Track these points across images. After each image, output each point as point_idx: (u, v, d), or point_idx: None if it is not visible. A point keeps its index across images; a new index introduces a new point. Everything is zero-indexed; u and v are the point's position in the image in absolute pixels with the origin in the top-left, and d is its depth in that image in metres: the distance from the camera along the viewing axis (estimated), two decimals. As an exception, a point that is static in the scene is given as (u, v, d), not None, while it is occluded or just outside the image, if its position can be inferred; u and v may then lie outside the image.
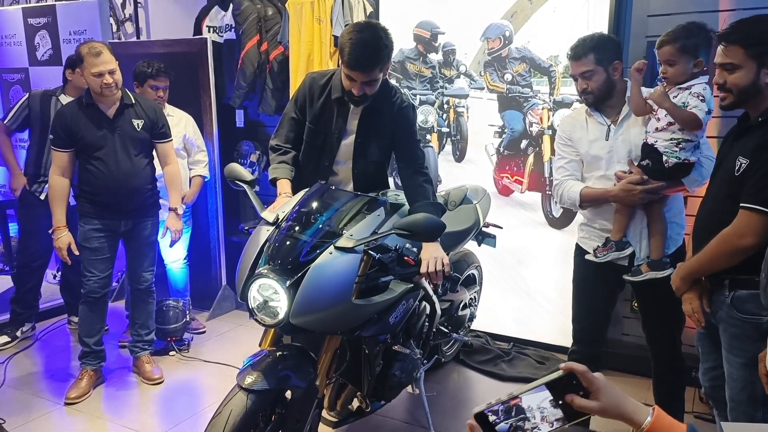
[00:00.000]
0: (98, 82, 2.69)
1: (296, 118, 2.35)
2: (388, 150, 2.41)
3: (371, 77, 2.12)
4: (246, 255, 2.01)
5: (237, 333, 3.73)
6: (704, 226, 1.85)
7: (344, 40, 2.11)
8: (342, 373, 2.13)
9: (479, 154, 3.38)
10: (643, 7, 2.95)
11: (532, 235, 3.26)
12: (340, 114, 2.28)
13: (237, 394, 1.79)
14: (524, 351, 3.27)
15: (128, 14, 4.49)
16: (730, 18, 2.77)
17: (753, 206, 1.65)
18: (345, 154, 2.35)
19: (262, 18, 3.74)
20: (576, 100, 3.02)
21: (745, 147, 1.72)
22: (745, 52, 1.69)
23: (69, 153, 2.80)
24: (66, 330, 3.77)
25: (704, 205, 1.90)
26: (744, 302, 1.76)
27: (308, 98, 2.30)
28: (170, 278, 3.72)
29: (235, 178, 2.16)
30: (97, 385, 3.02)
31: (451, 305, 2.76)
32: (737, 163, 1.72)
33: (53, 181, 2.82)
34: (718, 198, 1.80)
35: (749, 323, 1.75)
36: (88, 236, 2.85)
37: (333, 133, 2.31)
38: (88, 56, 2.67)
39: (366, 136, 2.32)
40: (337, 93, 2.25)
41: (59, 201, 2.82)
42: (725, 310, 1.80)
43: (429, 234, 1.84)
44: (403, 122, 2.34)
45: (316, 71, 2.44)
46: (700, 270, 1.83)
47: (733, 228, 1.70)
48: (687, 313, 1.90)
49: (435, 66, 3.38)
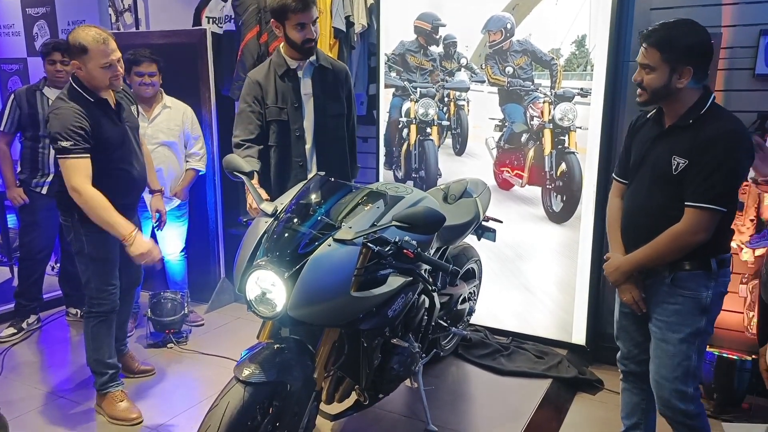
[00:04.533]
0: (107, 74, 2.38)
1: (253, 110, 2.61)
2: (341, 106, 2.77)
3: (315, 14, 2.52)
4: (244, 247, 2.00)
5: (235, 325, 3.72)
6: (635, 221, 1.95)
7: None
8: (340, 366, 2.12)
9: (480, 147, 3.36)
10: (645, 0, 2.93)
11: (532, 230, 3.24)
12: (292, 84, 2.62)
13: (234, 387, 1.78)
14: (523, 345, 3.26)
15: (127, 5, 4.46)
16: (732, 11, 2.75)
17: (703, 205, 1.76)
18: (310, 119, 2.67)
19: (262, 9, 3.71)
20: (578, 93, 3.01)
21: (678, 147, 1.82)
22: (660, 56, 1.80)
23: (89, 157, 2.39)
24: (64, 321, 3.76)
25: (632, 200, 1.98)
26: (685, 280, 1.87)
27: (260, 89, 2.61)
28: (168, 270, 3.71)
29: (233, 170, 2.15)
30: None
31: (450, 299, 2.75)
32: (673, 162, 1.82)
33: (93, 193, 2.35)
34: (652, 195, 1.89)
35: (690, 299, 1.86)
36: (109, 245, 2.51)
37: (294, 103, 2.62)
38: (96, 45, 2.33)
39: (320, 92, 2.68)
40: (282, 68, 2.62)
41: (111, 209, 2.38)
42: (665, 289, 1.90)
43: (428, 227, 1.83)
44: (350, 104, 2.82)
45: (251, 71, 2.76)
46: (647, 264, 1.91)
47: (685, 226, 1.80)
48: (628, 302, 2.01)
49: (436, 58, 3.36)
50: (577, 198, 3.08)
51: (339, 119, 2.77)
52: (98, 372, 2.68)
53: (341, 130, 2.80)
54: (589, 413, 2.78)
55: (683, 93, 1.82)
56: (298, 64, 2.65)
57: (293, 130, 2.64)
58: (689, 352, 1.87)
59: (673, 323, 1.89)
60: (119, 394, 2.69)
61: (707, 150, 1.75)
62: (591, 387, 2.96)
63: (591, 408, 2.82)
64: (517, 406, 2.77)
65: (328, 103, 2.71)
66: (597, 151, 3.00)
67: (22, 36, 4.47)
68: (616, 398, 2.87)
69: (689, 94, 1.83)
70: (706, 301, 1.85)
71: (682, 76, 1.79)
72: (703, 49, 1.79)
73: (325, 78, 2.71)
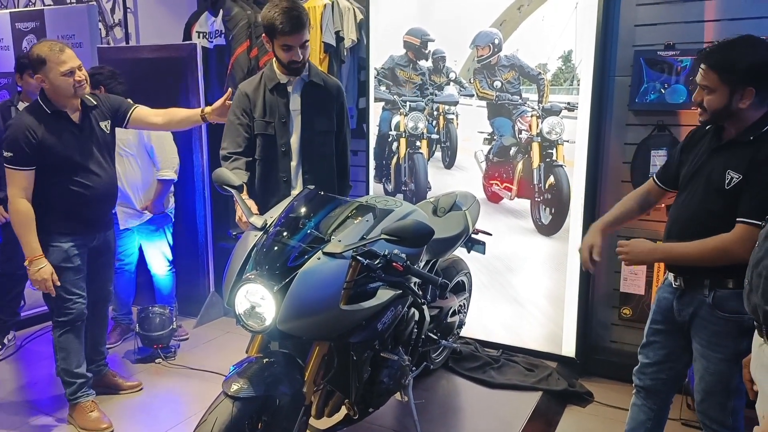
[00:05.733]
0: (69, 82, 2.42)
1: (241, 122, 2.57)
2: (331, 123, 2.69)
3: (305, 38, 2.45)
4: (234, 260, 1.99)
5: (224, 340, 3.70)
6: (685, 230, 1.91)
7: (270, 16, 2.40)
8: (330, 380, 2.11)
9: (469, 160, 3.38)
10: (630, 16, 2.98)
11: (521, 242, 3.26)
12: (281, 99, 2.57)
13: (223, 402, 1.77)
14: (513, 358, 3.26)
15: (117, 19, 4.48)
16: (715, 28, 2.81)
17: (755, 222, 1.72)
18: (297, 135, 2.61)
19: (253, 24, 3.74)
20: (565, 107, 3.04)
21: (734, 161, 1.79)
22: (718, 77, 1.76)
23: (32, 171, 2.44)
24: (50, 337, 3.71)
25: (684, 209, 1.95)
26: (726, 301, 1.83)
27: (249, 101, 2.58)
28: (156, 284, 3.68)
29: (223, 183, 2.15)
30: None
31: (440, 312, 2.76)
32: (727, 176, 1.78)
33: (20, 206, 2.42)
34: (703, 206, 1.86)
35: (732, 321, 1.82)
36: (69, 255, 2.56)
37: (281, 118, 2.57)
38: (51, 54, 2.38)
39: (309, 108, 2.61)
40: (272, 82, 2.57)
41: (30, 227, 2.44)
42: (706, 309, 1.87)
43: (418, 240, 1.83)
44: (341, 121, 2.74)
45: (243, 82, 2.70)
46: (684, 259, 1.87)
47: (735, 238, 1.75)
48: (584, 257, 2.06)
49: (425, 73, 3.40)
50: (566, 210, 3.11)
51: (327, 136, 2.69)
52: (67, 381, 2.69)
53: (329, 147, 2.71)
54: (579, 426, 2.78)
55: (745, 112, 1.77)
56: (289, 80, 2.59)
57: (279, 145, 2.58)
58: (731, 372, 1.83)
59: (714, 344, 1.86)
60: (90, 404, 2.70)
61: (765, 167, 1.72)
62: (581, 399, 2.97)
63: (581, 420, 2.82)
64: (507, 419, 2.77)
65: (317, 119, 2.64)
66: (584, 164, 3.03)
67: (12, 50, 4.46)
68: (607, 410, 2.89)
69: (752, 112, 1.78)
70: (749, 323, 1.77)
71: (744, 97, 1.74)
72: (765, 68, 1.73)
73: (315, 94, 2.63)
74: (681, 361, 2.04)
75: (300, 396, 1.91)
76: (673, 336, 2.01)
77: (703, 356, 1.90)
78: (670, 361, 2.04)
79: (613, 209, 2.17)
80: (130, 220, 3.44)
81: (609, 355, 3.22)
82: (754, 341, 1.49)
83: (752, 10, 2.71)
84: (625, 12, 2.98)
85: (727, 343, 1.84)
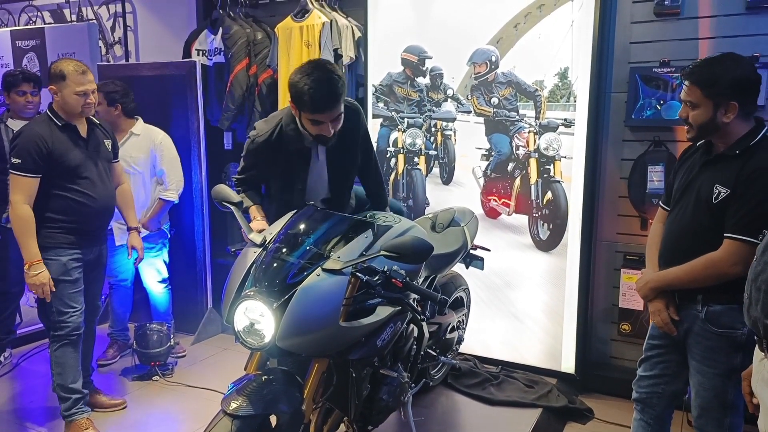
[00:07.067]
0: (81, 101, 2.56)
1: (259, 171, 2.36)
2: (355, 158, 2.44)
3: (338, 112, 2.12)
4: (233, 277, 1.99)
5: (222, 357, 3.67)
6: (675, 245, 1.93)
7: (299, 86, 2.04)
8: (329, 398, 2.09)
9: (467, 176, 3.40)
10: (625, 34, 3.02)
11: (519, 258, 3.26)
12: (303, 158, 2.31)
13: (221, 420, 1.76)
14: (513, 374, 3.25)
15: (117, 37, 4.51)
16: (709, 46, 2.84)
17: (743, 237, 1.73)
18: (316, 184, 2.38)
19: (251, 42, 3.78)
20: (562, 123, 3.07)
21: (721, 176, 1.81)
22: (702, 93, 1.80)
23: (38, 179, 2.53)
24: (46, 355, 3.68)
25: (675, 224, 1.96)
26: (719, 316, 1.84)
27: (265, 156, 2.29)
28: (152, 302, 3.67)
29: (222, 200, 2.15)
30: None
31: (439, 328, 2.75)
32: (715, 190, 1.80)
33: (22, 212, 2.50)
34: (693, 221, 1.88)
35: (725, 336, 1.84)
36: (68, 267, 2.60)
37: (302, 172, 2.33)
38: (74, 74, 2.54)
39: (335, 160, 2.36)
40: (295, 144, 2.25)
41: (31, 233, 2.51)
42: (699, 324, 1.89)
43: (417, 256, 1.84)
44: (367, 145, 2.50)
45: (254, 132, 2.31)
46: (676, 285, 1.90)
47: (723, 255, 1.78)
48: (658, 325, 1.98)
49: (423, 89, 3.42)
50: (564, 226, 3.12)
51: (350, 172, 2.49)
52: (62, 397, 2.69)
53: (350, 182, 2.54)
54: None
55: (731, 126, 1.80)
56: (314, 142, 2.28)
57: (296, 185, 2.36)
58: (725, 387, 1.85)
59: (708, 359, 1.88)
60: (85, 422, 2.69)
61: (752, 182, 1.73)
62: (581, 416, 2.95)
63: (582, 437, 2.81)
64: (507, 437, 2.74)
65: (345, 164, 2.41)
66: (582, 179, 3.05)
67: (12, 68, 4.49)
68: (607, 427, 2.87)
69: (738, 127, 1.81)
70: (741, 338, 1.80)
71: (728, 111, 1.78)
72: (747, 83, 1.78)
73: (339, 137, 2.26)
74: (678, 376, 2.04)
75: (299, 414, 1.89)
76: (670, 351, 2.02)
77: (698, 371, 1.91)
78: (666, 376, 2.04)
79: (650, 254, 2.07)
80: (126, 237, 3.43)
81: (609, 371, 3.20)
82: (755, 355, 1.49)
83: (746, 28, 2.75)
84: (621, 30, 3.02)
85: (721, 358, 1.85)
